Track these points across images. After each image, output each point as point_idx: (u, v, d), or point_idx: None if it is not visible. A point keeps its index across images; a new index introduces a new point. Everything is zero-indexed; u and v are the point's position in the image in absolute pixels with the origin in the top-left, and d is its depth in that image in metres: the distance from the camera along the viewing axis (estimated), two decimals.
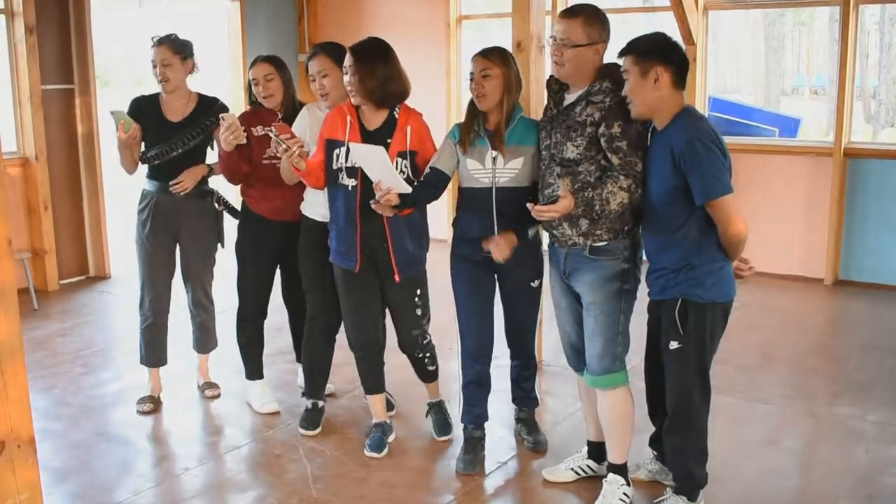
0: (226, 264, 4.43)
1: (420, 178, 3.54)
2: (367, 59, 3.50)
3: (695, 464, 3.18)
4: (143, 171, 4.22)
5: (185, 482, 3.63)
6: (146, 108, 4.12)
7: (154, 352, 4.33)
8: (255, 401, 4.32)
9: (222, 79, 7.81)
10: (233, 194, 4.30)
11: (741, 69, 15.98)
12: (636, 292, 3.24)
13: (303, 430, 4.04)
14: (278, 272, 4.24)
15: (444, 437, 3.94)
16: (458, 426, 3.88)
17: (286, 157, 3.54)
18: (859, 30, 6.59)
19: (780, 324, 5.74)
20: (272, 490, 3.54)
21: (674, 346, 3.08)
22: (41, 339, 5.48)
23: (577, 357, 3.40)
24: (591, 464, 3.55)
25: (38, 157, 6.38)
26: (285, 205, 4.00)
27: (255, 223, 4.11)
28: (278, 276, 4.24)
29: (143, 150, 4.13)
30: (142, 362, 4.37)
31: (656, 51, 2.98)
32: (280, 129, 3.64)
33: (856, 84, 6.75)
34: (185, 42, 4.11)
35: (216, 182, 4.29)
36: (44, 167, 6.44)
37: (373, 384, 3.87)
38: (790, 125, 10.26)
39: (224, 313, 4.56)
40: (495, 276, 3.64)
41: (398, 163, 3.52)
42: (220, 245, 4.35)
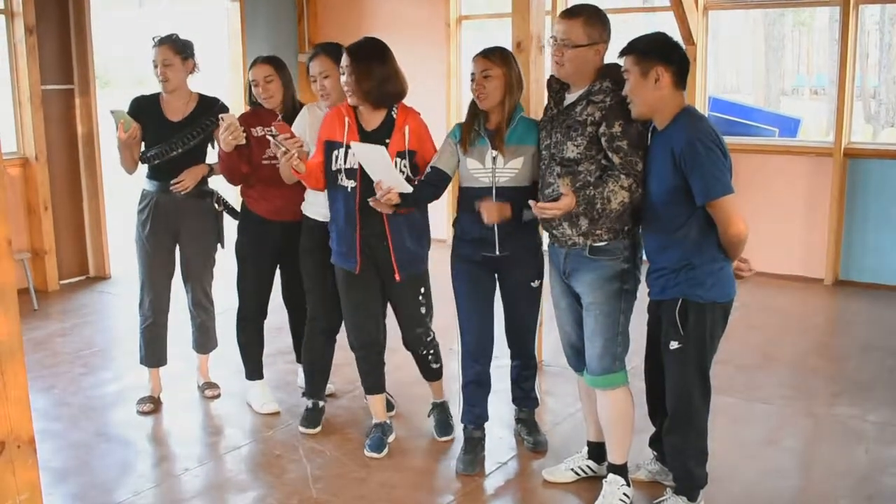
0: (226, 264, 4.43)
1: (420, 178, 3.54)
2: (364, 60, 3.49)
3: (695, 464, 3.18)
4: (143, 171, 4.22)
5: (185, 482, 3.63)
6: (146, 108, 4.12)
7: (154, 352, 4.33)
8: (255, 401, 4.32)
9: (222, 79, 7.81)
10: (232, 195, 4.30)
11: (741, 69, 15.98)
12: (636, 292, 3.24)
13: (303, 429, 4.04)
14: (278, 272, 4.24)
15: (446, 438, 3.94)
16: (458, 426, 3.88)
17: (285, 160, 3.54)
18: (859, 30, 6.59)
19: (780, 324, 5.74)
20: (272, 490, 3.54)
21: (674, 346, 3.08)
22: (41, 339, 5.48)
23: (576, 357, 3.40)
24: (591, 464, 3.55)
25: (38, 158, 6.38)
26: (285, 205, 4.00)
27: (254, 223, 4.11)
28: (278, 276, 4.25)
29: (143, 149, 4.13)
30: (142, 362, 4.37)
31: (657, 51, 2.98)
32: (280, 128, 3.64)
33: (856, 84, 6.75)
34: (186, 42, 4.11)
35: (216, 182, 4.29)
36: (44, 167, 6.44)
37: (373, 384, 3.87)
38: (790, 125, 10.25)
39: (224, 314, 4.56)
40: (495, 276, 3.64)
41: (397, 163, 3.52)
42: (220, 245, 4.35)
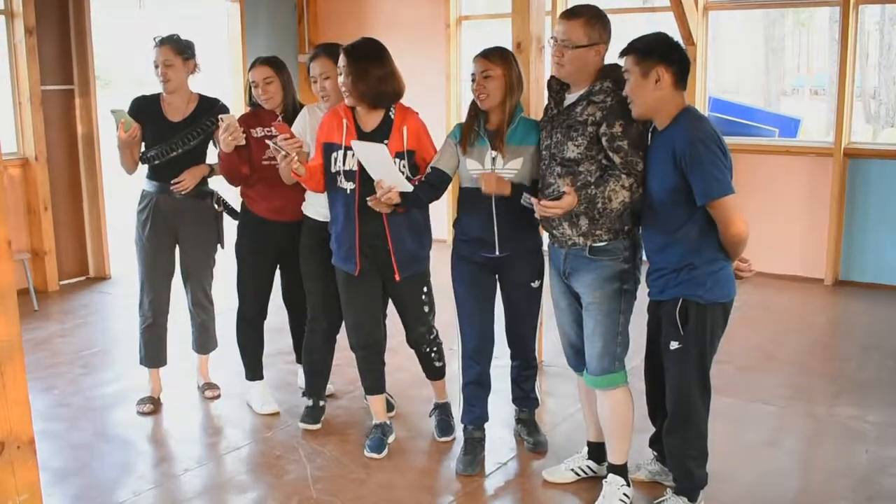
0: (226, 265, 4.43)
1: (420, 178, 3.54)
2: (361, 60, 3.49)
3: (695, 464, 3.18)
4: (143, 172, 4.22)
5: (184, 483, 3.63)
6: (146, 108, 4.12)
7: (154, 352, 4.33)
8: (255, 401, 4.31)
9: (222, 79, 7.81)
10: (232, 195, 4.30)
11: (741, 69, 15.96)
12: (636, 293, 3.24)
13: (304, 425, 4.04)
14: (278, 273, 4.24)
15: (446, 439, 3.94)
16: (458, 427, 3.88)
17: (285, 164, 3.54)
18: (859, 30, 6.59)
19: (780, 324, 5.74)
20: (272, 491, 3.54)
21: (674, 346, 3.08)
22: (41, 339, 5.48)
23: (576, 357, 3.40)
24: (591, 464, 3.55)
25: (37, 158, 6.38)
26: (285, 205, 4.00)
27: (254, 224, 4.11)
28: (278, 276, 4.25)
29: (143, 150, 4.13)
30: (141, 363, 4.37)
31: (658, 51, 2.98)
32: (280, 128, 3.64)
33: (856, 84, 6.75)
34: (187, 42, 4.11)
35: (216, 182, 4.29)
36: (44, 168, 6.44)
37: (373, 384, 3.87)
38: (790, 125, 10.25)
39: (224, 314, 4.56)
40: (496, 276, 3.64)
41: (396, 163, 3.51)
42: (219, 246, 4.35)
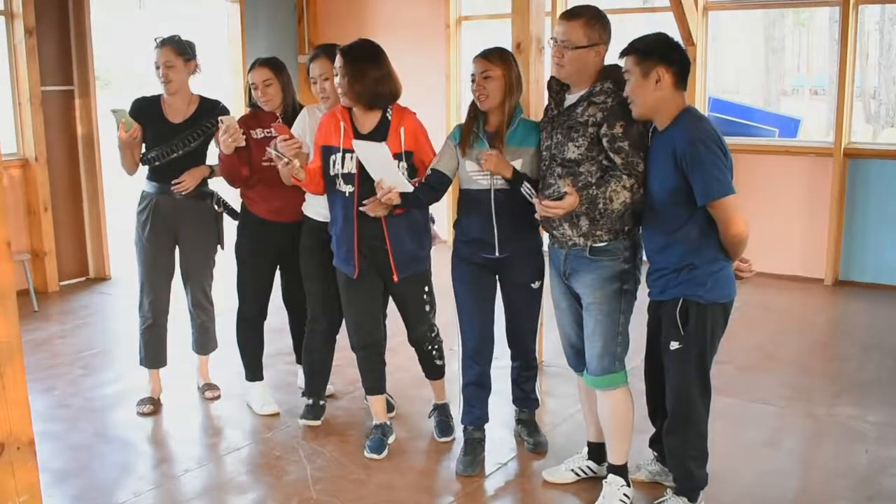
0: (225, 266, 4.43)
1: (420, 180, 3.54)
2: (357, 61, 3.50)
3: (695, 464, 3.17)
4: (143, 173, 4.22)
5: (184, 484, 3.62)
6: (147, 109, 4.12)
7: (154, 353, 4.33)
8: (255, 402, 4.31)
9: (222, 80, 7.80)
10: (232, 195, 4.30)
11: (741, 69, 15.96)
12: (636, 293, 3.24)
13: (304, 421, 4.05)
14: (278, 273, 4.24)
15: (446, 439, 3.94)
16: (458, 427, 3.88)
17: (287, 170, 3.55)
18: (859, 30, 6.59)
19: (780, 324, 5.74)
20: (272, 492, 3.54)
21: (674, 346, 3.08)
22: (41, 340, 5.48)
23: (577, 357, 3.40)
24: (591, 465, 3.55)
25: (37, 159, 6.38)
26: (285, 206, 4.00)
27: (254, 224, 4.11)
28: (278, 277, 4.25)
29: (143, 150, 4.13)
30: (141, 364, 4.37)
31: (658, 51, 2.98)
32: (279, 129, 3.63)
33: (856, 84, 6.75)
34: (189, 43, 4.11)
35: (216, 183, 4.29)
36: (44, 168, 6.44)
37: (373, 385, 3.87)
38: (790, 125, 10.25)
39: (224, 315, 4.56)
40: (496, 277, 3.64)
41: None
42: (219, 246, 4.35)
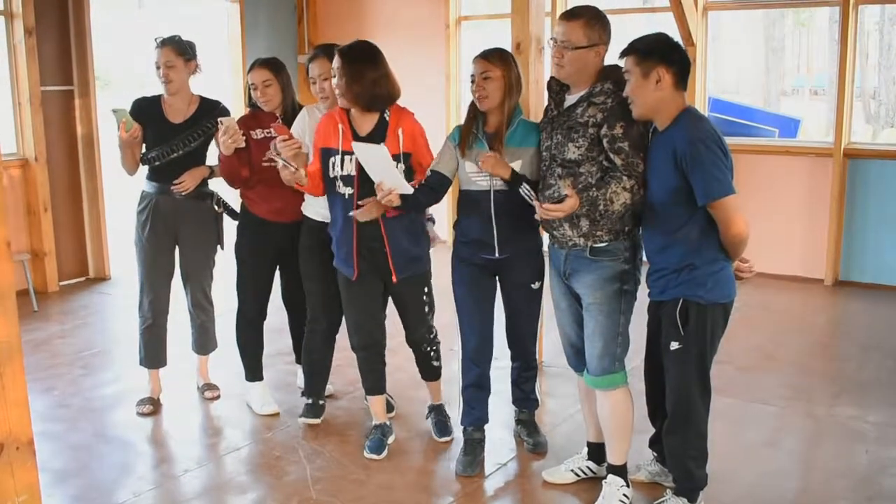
0: (225, 266, 4.43)
1: (420, 181, 3.54)
2: (355, 62, 3.49)
3: (695, 465, 3.17)
4: (143, 173, 4.22)
5: (184, 484, 3.62)
6: (147, 110, 4.12)
7: (153, 353, 4.33)
8: (254, 402, 4.31)
9: (222, 80, 7.80)
10: (232, 196, 4.30)
11: (741, 69, 15.96)
12: (636, 293, 3.24)
13: (304, 419, 4.06)
14: (278, 273, 4.24)
15: (445, 439, 3.94)
16: (457, 428, 3.88)
17: (289, 175, 3.55)
18: (859, 30, 6.59)
19: (780, 324, 5.74)
20: (272, 492, 3.54)
21: (674, 346, 3.08)
22: (41, 340, 5.48)
23: (577, 358, 3.40)
24: (591, 465, 3.55)
25: (37, 159, 6.38)
26: (285, 206, 4.00)
27: (254, 225, 4.11)
28: (278, 277, 4.25)
29: (143, 150, 4.13)
30: (141, 364, 4.37)
31: (658, 51, 2.98)
32: (279, 129, 3.63)
33: (856, 84, 6.75)
34: (189, 43, 4.11)
35: (216, 184, 4.29)
36: (43, 168, 6.44)
37: (373, 385, 3.87)
38: (790, 125, 10.25)
39: (224, 315, 4.56)
40: (496, 278, 3.64)
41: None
42: (219, 247, 4.35)
